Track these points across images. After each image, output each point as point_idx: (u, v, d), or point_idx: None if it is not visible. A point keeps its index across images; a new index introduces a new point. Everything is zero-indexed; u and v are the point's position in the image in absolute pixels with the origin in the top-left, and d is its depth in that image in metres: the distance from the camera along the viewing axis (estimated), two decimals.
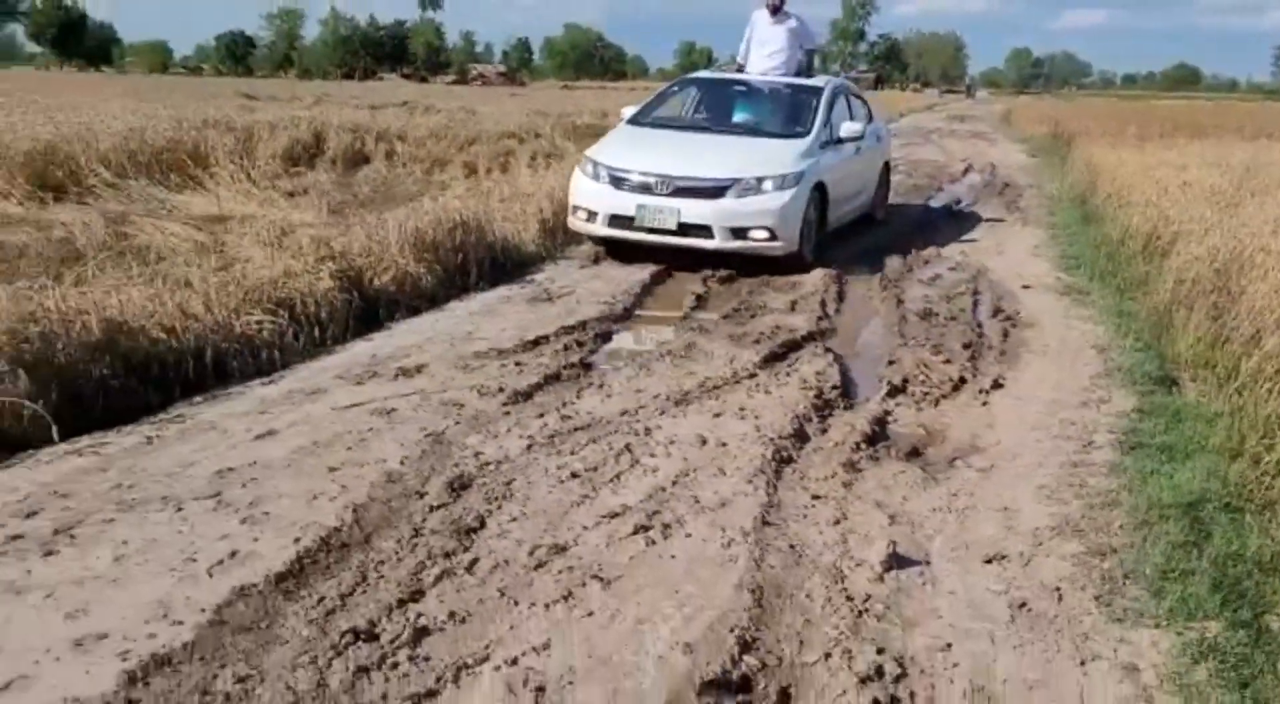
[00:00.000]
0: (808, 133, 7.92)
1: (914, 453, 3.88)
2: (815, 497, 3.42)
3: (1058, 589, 2.81)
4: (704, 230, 7.05)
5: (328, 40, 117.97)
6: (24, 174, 10.06)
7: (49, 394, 3.73)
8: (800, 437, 3.97)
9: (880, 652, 2.47)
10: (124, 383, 4.09)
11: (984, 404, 4.49)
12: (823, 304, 6.33)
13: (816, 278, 7.07)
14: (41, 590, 2.65)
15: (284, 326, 5.01)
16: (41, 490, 3.25)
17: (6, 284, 4.78)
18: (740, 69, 9.31)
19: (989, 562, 2.98)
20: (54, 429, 3.59)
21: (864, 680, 2.34)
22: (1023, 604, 2.73)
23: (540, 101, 33.29)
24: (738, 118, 8.68)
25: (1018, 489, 3.52)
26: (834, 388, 4.59)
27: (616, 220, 7.30)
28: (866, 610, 2.68)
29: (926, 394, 4.60)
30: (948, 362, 5.08)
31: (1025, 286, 7.04)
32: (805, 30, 9.34)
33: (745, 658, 2.44)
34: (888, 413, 4.32)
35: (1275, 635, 2.54)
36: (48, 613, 2.55)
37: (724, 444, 3.86)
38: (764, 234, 7.06)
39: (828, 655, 2.46)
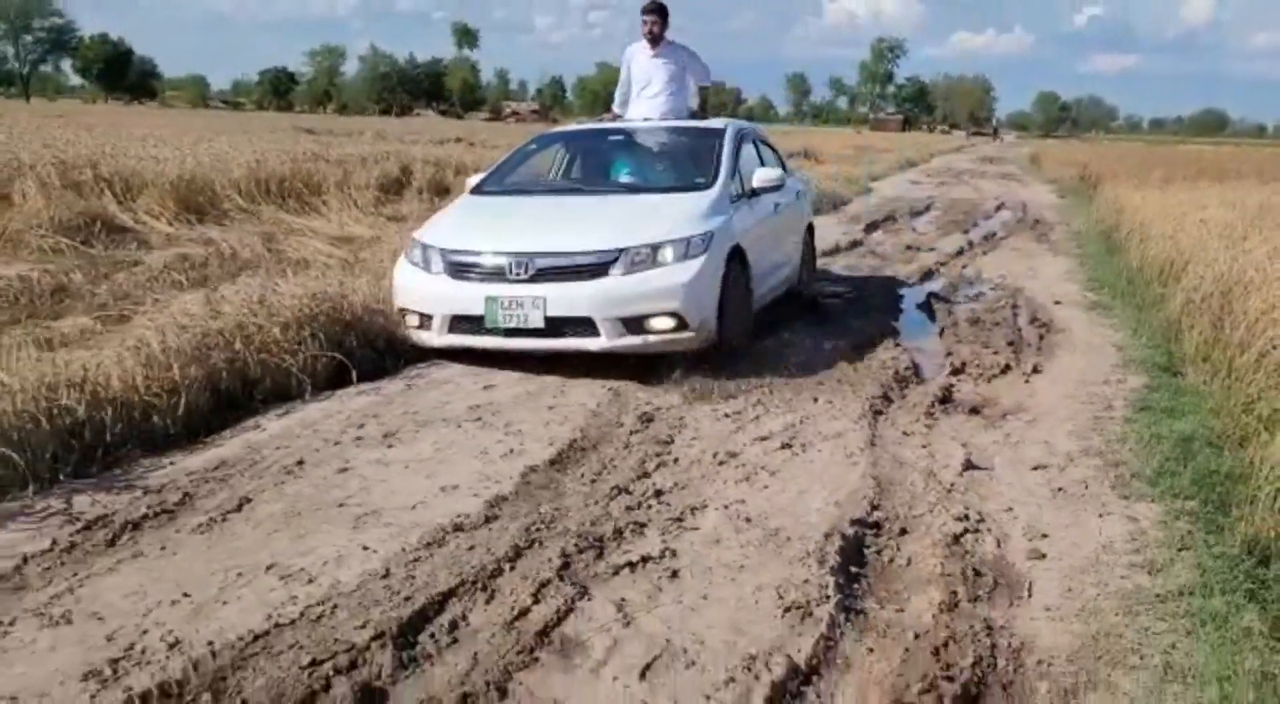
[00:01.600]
0: (712, 183, 6.13)
1: (975, 410, 5.13)
2: (905, 433, 4.68)
3: (1084, 482, 4.05)
4: (584, 325, 5.19)
5: (367, 77, 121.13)
6: (171, 198, 11.52)
7: (347, 351, 5.19)
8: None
9: (965, 510, 3.72)
10: (368, 355, 5.44)
11: (1026, 381, 5.74)
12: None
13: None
14: (400, 464, 3.97)
15: None
16: (357, 413, 4.58)
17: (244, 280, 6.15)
18: (617, 117, 7.56)
19: (1035, 469, 4.23)
20: (354, 373, 4.94)
21: (957, 519, 3.60)
22: (1060, 488, 3.99)
23: None
24: (619, 175, 6.81)
25: (1055, 431, 4.76)
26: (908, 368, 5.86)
27: (460, 323, 5.35)
28: (952, 490, 3.93)
29: (981, 375, 5.85)
30: (996, 353, 6.34)
31: (1057, 302, 8.27)
32: (696, 63, 7.54)
33: (875, 512, 3.69)
34: (952, 386, 5.57)
35: (1230, 508, 3.75)
36: (413, 476, 3.86)
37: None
38: (669, 322, 5.23)
39: (930, 511, 3.72)
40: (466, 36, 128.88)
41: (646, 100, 7.35)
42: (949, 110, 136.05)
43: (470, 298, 5.28)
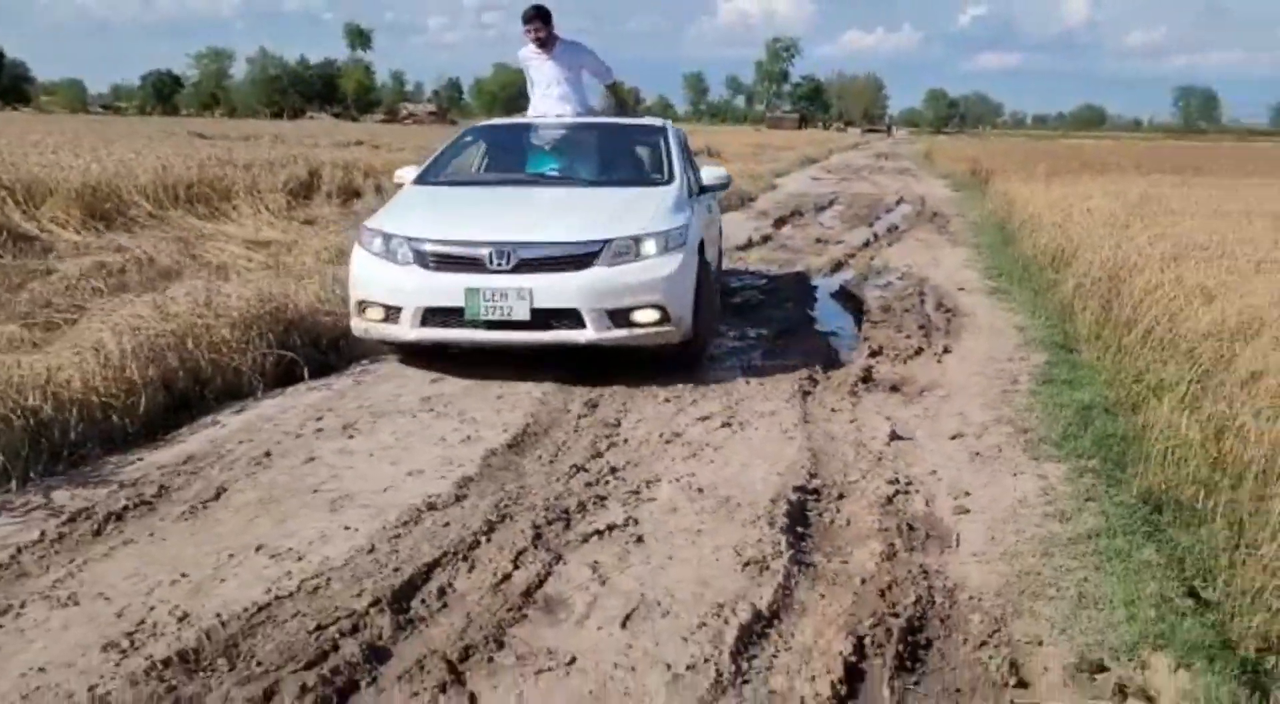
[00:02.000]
0: (669, 179, 6.22)
1: (894, 388, 5.50)
2: (833, 410, 5.02)
3: (998, 447, 4.45)
4: (569, 318, 5.09)
5: (256, 79, 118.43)
6: (77, 206, 11.31)
7: (293, 350, 5.30)
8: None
9: (894, 475, 4.07)
10: (313, 353, 5.56)
11: (939, 361, 6.15)
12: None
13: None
14: (364, 452, 4.15)
15: None
16: (313, 408, 4.73)
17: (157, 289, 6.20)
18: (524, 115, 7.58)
19: (954, 437, 4.61)
20: (305, 370, 5.08)
21: (888, 483, 3.94)
22: (977, 453, 4.37)
23: None
24: (569, 168, 6.72)
25: (968, 404, 5.16)
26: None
27: (435, 316, 5.12)
28: (881, 458, 4.28)
29: (896, 356, 6.25)
30: (908, 337, 6.75)
31: (960, 289, 8.77)
32: (593, 61, 7.46)
33: (814, 480, 4.01)
34: (871, 367, 5.94)
35: (1126, 465, 4.17)
36: (378, 463, 4.05)
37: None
38: (653, 314, 5.19)
39: (863, 477, 4.05)
40: (359, 38, 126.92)
41: (549, 101, 7.30)
42: (843, 108, 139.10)
43: (447, 289, 5.05)
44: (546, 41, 7.23)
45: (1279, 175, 21.73)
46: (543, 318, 5.07)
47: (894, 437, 4.57)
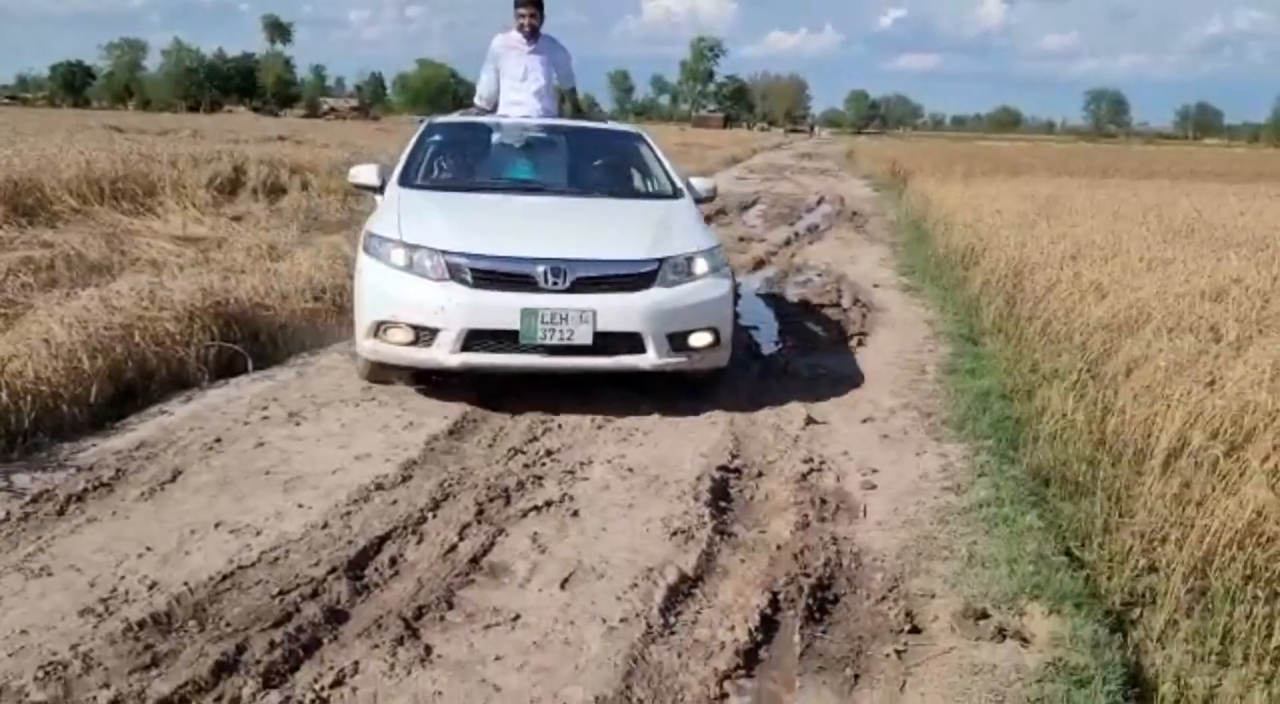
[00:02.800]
0: (680, 192, 6.00)
1: (811, 378, 5.86)
2: (752, 398, 5.36)
3: (905, 429, 4.83)
4: (632, 342, 4.75)
5: (171, 72, 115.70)
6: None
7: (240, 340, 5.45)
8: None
9: (809, 455, 4.41)
10: (253, 346, 5.73)
11: (853, 353, 6.53)
12: None
13: None
14: (312, 438, 4.37)
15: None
16: (258, 397, 4.92)
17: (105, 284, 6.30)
18: (481, 112, 6.94)
19: (864, 421, 4.99)
20: (249, 361, 5.25)
21: (804, 462, 4.28)
22: (885, 435, 4.75)
23: (407, 133, 34.68)
24: (552, 175, 6.18)
25: (879, 391, 5.54)
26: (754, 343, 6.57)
27: (481, 339, 4.64)
28: (798, 440, 4.63)
29: (814, 347, 6.62)
30: (826, 330, 7.13)
31: (876, 285, 9.21)
32: (566, 62, 7.01)
33: (736, 460, 4.34)
34: (790, 358, 6.30)
35: (1018, 445, 4.57)
36: (326, 448, 4.27)
37: None
38: (708, 338, 4.95)
39: (780, 457, 4.39)
40: (279, 30, 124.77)
41: (526, 97, 6.76)
42: (767, 108, 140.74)
43: (500, 309, 4.59)
44: (535, 32, 6.76)
45: (1178, 177, 22.80)
46: (604, 342, 4.69)
47: (810, 421, 4.92)
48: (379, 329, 4.76)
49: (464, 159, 6.50)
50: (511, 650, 2.72)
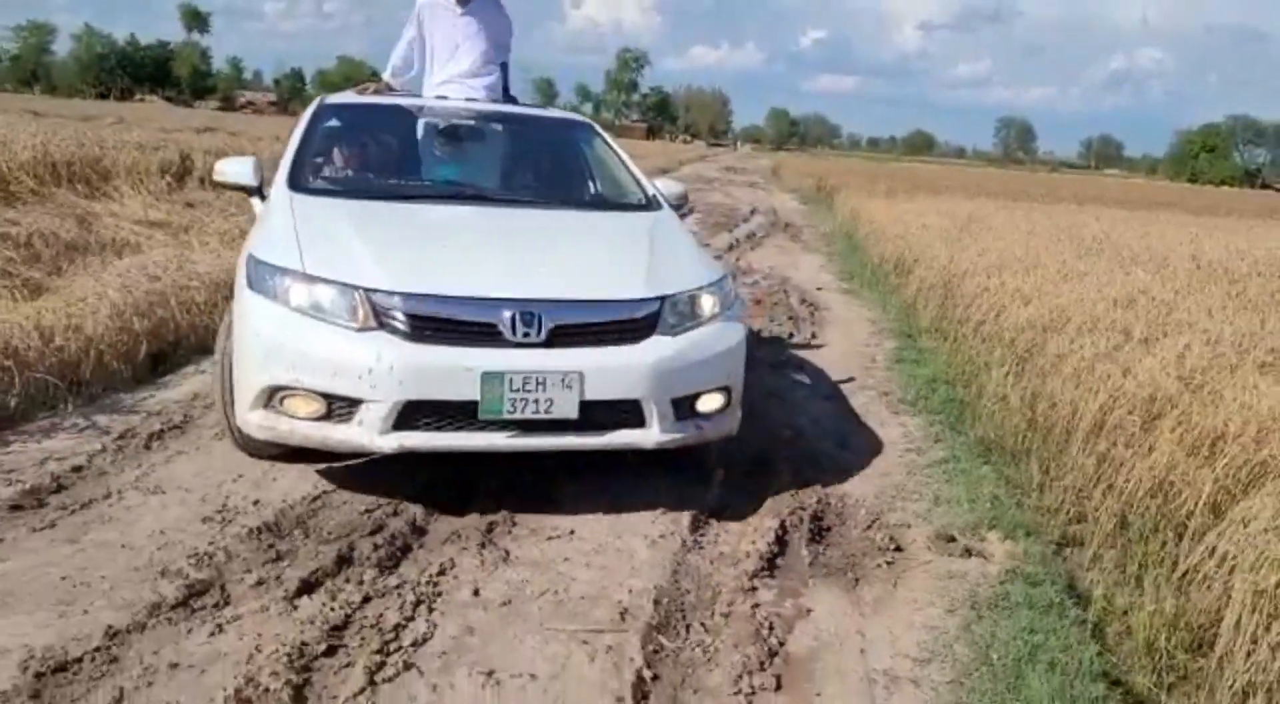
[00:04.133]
0: (656, 202, 4.76)
1: (774, 365, 6.51)
2: None
3: (866, 406, 5.50)
4: (626, 413, 3.56)
5: (81, 57, 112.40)
6: None
7: None
8: None
9: (786, 424, 5.04)
10: None
11: (807, 345, 7.21)
12: None
13: None
14: None
15: None
16: None
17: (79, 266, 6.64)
18: (388, 88, 5.56)
19: (827, 399, 5.65)
20: None
21: (784, 427, 4.91)
22: (850, 410, 5.40)
23: None
24: (483, 177, 4.98)
25: (836, 376, 6.21)
26: None
27: (422, 414, 3.35)
28: (774, 413, 5.25)
29: (772, 338, 7.28)
30: (780, 325, 7.81)
31: (819, 288, 9.94)
32: (505, 28, 5.68)
33: None
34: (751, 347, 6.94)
35: (965, 420, 5.27)
36: None
37: None
38: (718, 400, 3.81)
39: (764, 422, 5.01)
40: (196, 19, 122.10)
41: (459, 79, 5.46)
42: (690, 121, 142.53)
43: (451, 372, 3.29)
44: None
45: (1084, 203, 24.24)
46: (592, 413, 3.44)
47: (771, 395, 5.56)
48: (273, 397, 3.37)
49: (370, 154, 5.05)
50: (574, 555, 3.28)
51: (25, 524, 3.18)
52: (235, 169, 4.56)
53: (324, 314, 3.38)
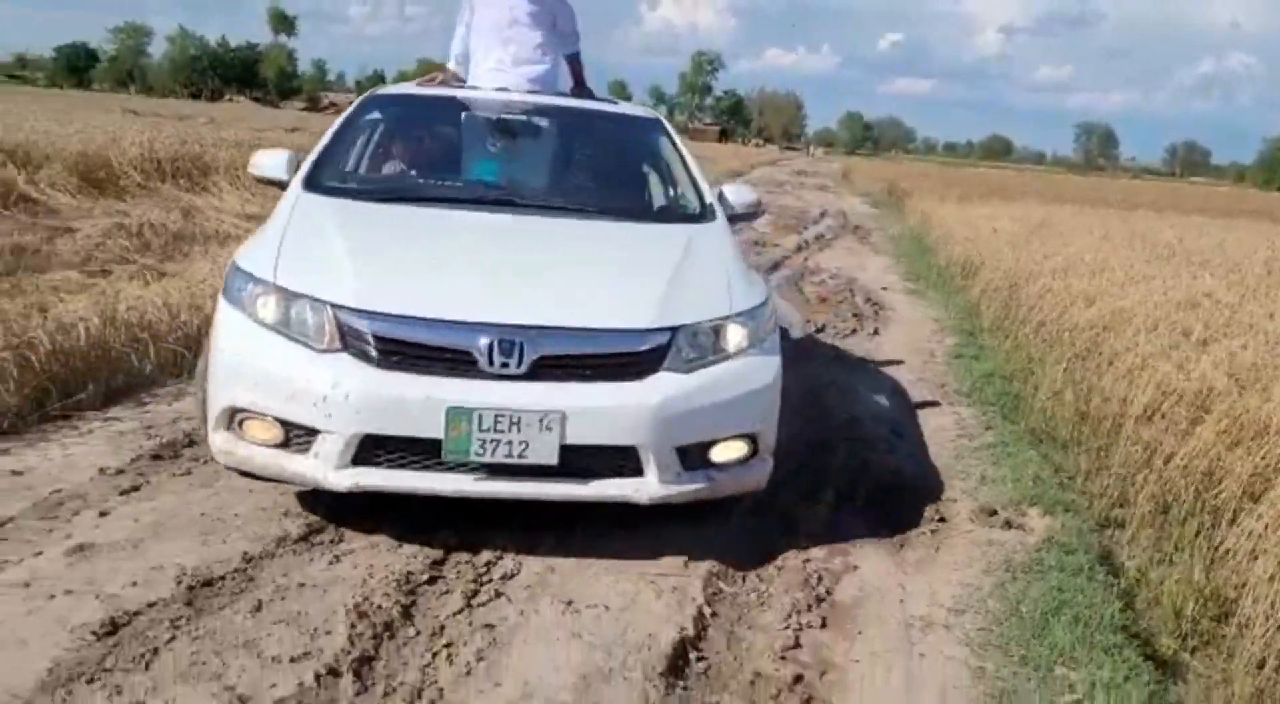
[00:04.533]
0: (711, 212, 4.22)
1: (836, 357, 6.80)
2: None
3: (923, 396, 5.76)
4: (618, 460, 3.15)
5: (175, 58, 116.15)
6: (74, 173, 12.06)
7: None
8: None
9: (847, 416, 5.34)
10: None
11: (870, 340, 7.48)
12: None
13: None
14: None
15: None
16: None
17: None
18: (455, 79, 5.18)
19: (884, 389, 5.92)
20: None
21: (841, 412, 5.21)
22: (906, 398, 5.68)
23: None
24: (533, 181, 4.53)
25: (896, 369, 6.49)
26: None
27: (383, 450, 3.05)
28: (835, 403, 5.55)
29: (836, 333, 7.57)
30: (844, 321, 8.09)
31: (884, 288, 10.18)
32: (568, 15, 5.23)
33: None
34: (816, 338, 7.24)
35: (1018, 412, 5.51)
36: None
37: None
38: (740, 449, 3.36)
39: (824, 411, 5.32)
40: (283, 23, 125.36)
41: (508, 67, 4.98)
42: (763, 124, 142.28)
43: (414, 405, 2.97)
44: None
45: (1164, 210, 23.93)
46: (576, 459, 3.07)
47: (833, 386, 5.86)
48: (233, 419, 3.13)
49: (410, 150, 4.82)
50: None
51: (166, 471, 3.65)
52: (270, 162, 4.14)
53: (290, 331, 3.09)
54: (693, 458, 3.23)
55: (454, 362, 3.04)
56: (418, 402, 2.96)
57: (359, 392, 2.97)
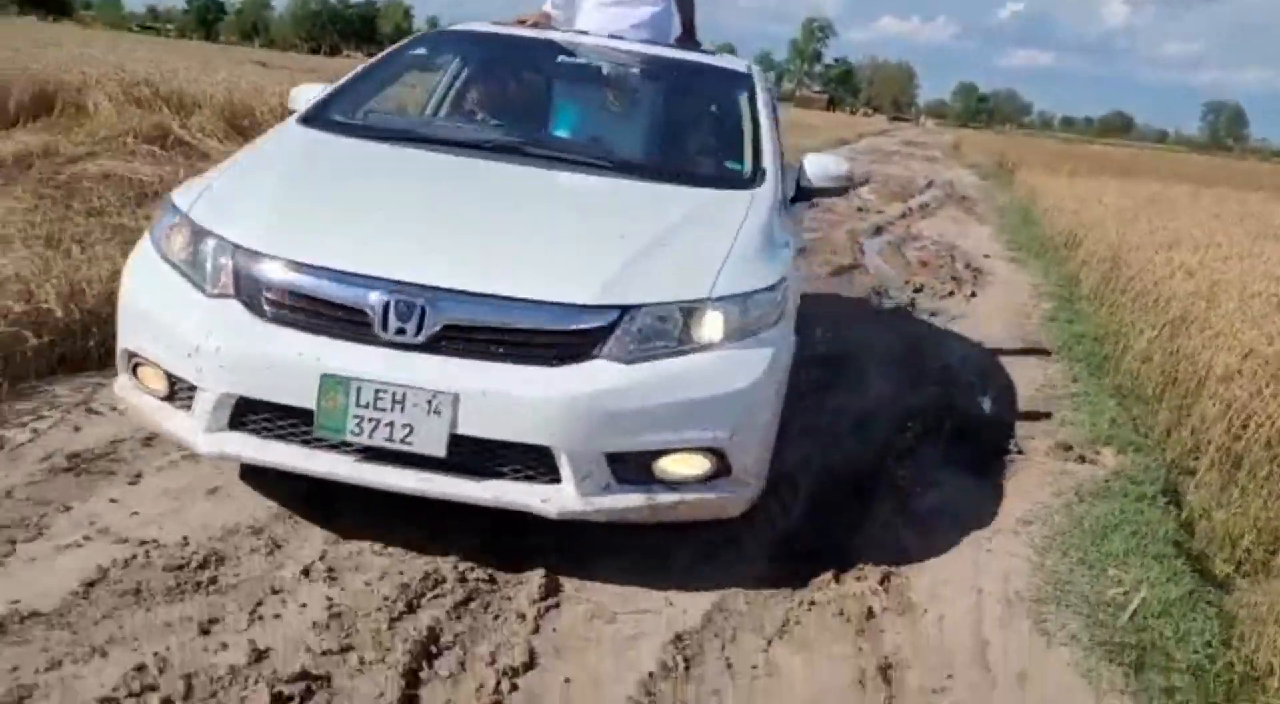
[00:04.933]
0: (760, 176, 3.54)
1: (933, 313, 7.15)
2: (888, 319, 6.67)
3: (1013, 351, 6.09)
4: (527, 461, 2.63)
5: (297, 13, 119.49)
6: (221, 118, 12.93)
7: None
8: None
9: (943, 364, 5.71)
10: None
11: (967, 301, 7.79)
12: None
13: None
14: None
15: None
16: None
17: None
18: (549, 20, 4.72)
19: (975, 344, 6.27)
20: None
21: (933, 360, 5.59)
22: (998, 352, 6.03)
23: None
24: (576, 131, 4.19)
25: (991, 327, 6.81)
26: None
27: (257, 416, 2.69)
28: (928, 349, 5.92)
29: (934, 294, 7.89)
30: (943, 283, 8.40)
31: (985, 256, 10.40)
32: None
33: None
34: (915, 299, 7.59)
35: (1105, 370, 5.81)
36: None
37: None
38: (701, 464, 2.74)
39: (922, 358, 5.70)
40: None
41: (612, 4, 4.65)
42: (873, 93, 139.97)
43: (284, 367, 2.59)
44: None
45: None
46: (472, 454, 2.59)
47: (926, 339, 6.23)
48: (129, 363, 2.88)
49: (469, 90, 4.54)
50: None
51: None
52: (309, 95, 3.86)
53: (193, 272, 2.76)
54: (630, 468, 2.62)
55: (347, 322, 2.58)
56: (288, 364, 2.56)
57: (229, 346, 2.61)
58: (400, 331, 2.55)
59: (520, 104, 4.34)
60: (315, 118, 3.62)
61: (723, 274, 2.80)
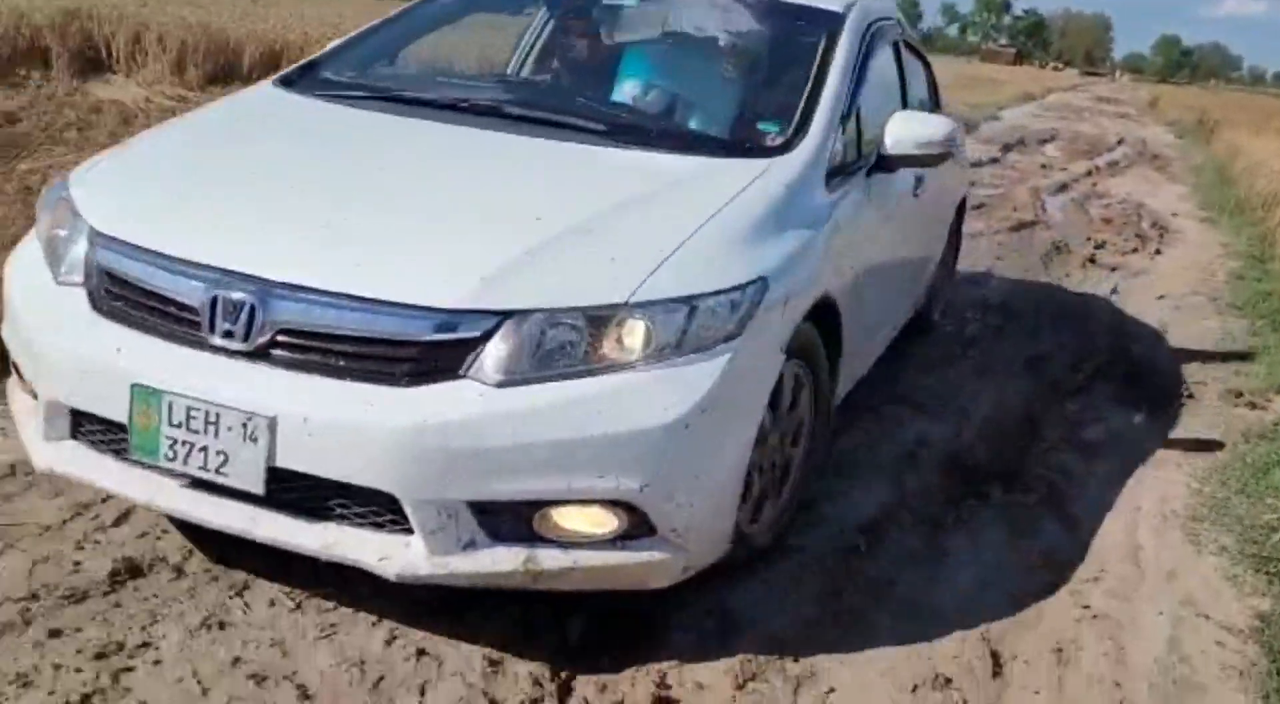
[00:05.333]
0: (793, 138, 2.82)
1: (1113, 269, 7.22)
2: (1067, 274, 6.81)
3: (1193, 306, 6.19)
4: (364, 505, 2.05)
5: None
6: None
7: None
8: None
9: (1114, 315, 5.87)
10: None
11: (1150, 259, 7.79)
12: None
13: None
14: None
15: None
16: None
17: None
18: None
19: (1159, 298, 6.36)
20: None
21: (1112, 314, 5.76)
22: (1177, 307, 6.14)
23: None
24: (616, 86, 3.34)
25: (1172, 282, 6.86)
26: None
27: (92, 430, 2.23)
28: (1104, 302, 6.08)
29: (1116, 250, 7.92)
30: (1126, 240, 8.39)
31: (1174, 215, 10.21)
32: None
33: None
34: (1095, 254, 7.65)
35: None
36: None
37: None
38: (609, 521, 2.08)
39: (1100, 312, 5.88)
40: None
41: None
42: (1064, 47, 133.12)
43: (94, 372, 2.16)
44: None
45: None
46: (295, 492, 2.08)
47: (1114, 291, 6.35)
48: (13, 365, 2.46)
49: (536, 47, 4.02)
50: None
51: None
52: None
53: (54, 254, 2.36)
54: (505, 521, 2.06)
55: (177, 321, 2.12)
56: (100, 368, 2.13)
57: (50, 344, 2.22)
58: (228, 334, 2.05)
59: (576, 58, 3.67)
60: (296, 80, 3.09)
61: (661, 270, 2.13)
